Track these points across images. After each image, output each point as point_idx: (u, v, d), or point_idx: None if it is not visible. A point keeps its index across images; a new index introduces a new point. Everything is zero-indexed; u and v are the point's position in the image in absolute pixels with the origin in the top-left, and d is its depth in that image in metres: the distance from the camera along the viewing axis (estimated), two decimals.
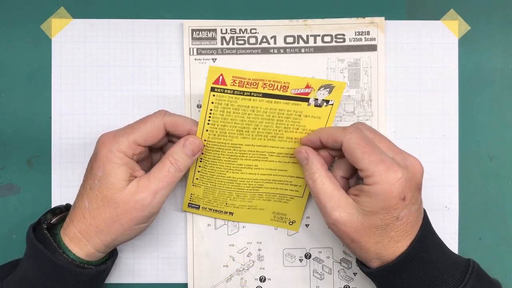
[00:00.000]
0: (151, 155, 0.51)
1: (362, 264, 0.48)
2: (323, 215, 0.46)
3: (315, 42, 0.54)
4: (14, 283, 0.46)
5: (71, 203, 0.52)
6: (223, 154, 0.50)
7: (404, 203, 0.44)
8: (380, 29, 0.54)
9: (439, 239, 0.47)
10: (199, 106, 0.54)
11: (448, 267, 0.45)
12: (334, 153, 0.48)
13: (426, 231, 0.46)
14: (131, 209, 0.45)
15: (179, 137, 0.49)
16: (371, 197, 0.43)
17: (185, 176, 0.53)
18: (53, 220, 0.49)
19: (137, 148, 0.47)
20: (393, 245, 0.45)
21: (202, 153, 0.50)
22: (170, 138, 0.50)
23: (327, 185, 0.46)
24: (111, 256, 0.50)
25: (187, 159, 0.47)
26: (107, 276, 0.50)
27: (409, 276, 0.45)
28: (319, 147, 0.48)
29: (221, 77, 0.46)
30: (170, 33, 0.54)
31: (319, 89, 0.47)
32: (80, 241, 0.46)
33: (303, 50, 0.54)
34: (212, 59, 0.54)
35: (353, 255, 0.47)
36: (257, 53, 0.54)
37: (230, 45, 0.54)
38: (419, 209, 0.46)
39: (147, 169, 0.49)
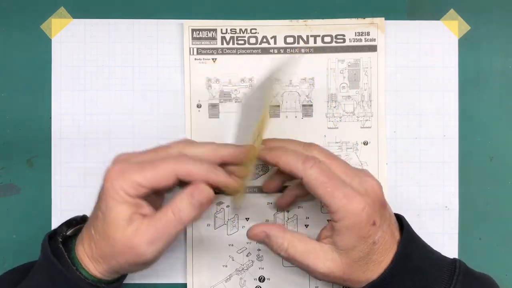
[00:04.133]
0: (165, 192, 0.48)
1: None
2: (309, 273, 0.45)
3: (315, 42, 0.54)
4: None
5: (71, 204, 0.52)
6: None
7: (375, 227, 0.44)
8: (380, 29, 0.54)
9: (423, 243, 0.47)
10: (199, 106, 0.54)
11: (434, 272, 0.45)
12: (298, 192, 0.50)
13: (407, 240, 0.46)
14: (126, 253, 0.43)
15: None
16: (343, 234, 0.43)
17: None
18: (69, 232, 0.48)
19: (140, 190, 0.43)
20: (378, 265, 0.44)
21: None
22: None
23: (298, 246, 0.45)
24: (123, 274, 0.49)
25: (192, 210, 0.43)
26: None
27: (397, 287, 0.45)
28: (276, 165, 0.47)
29: None
30: (170, 33, 0.54)
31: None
32: (90, 264, 0.45)
33: (303, 50, 0.54)
34: (212, 59, 0.54)
35: None
36: (257, 53, 0.54)
37: (230, 45, 0.54)
38: (390, 223, 0.45)
39: (159, 205, 0.47)
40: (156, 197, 0.47)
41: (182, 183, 0.44)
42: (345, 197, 0.43)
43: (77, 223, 0.49)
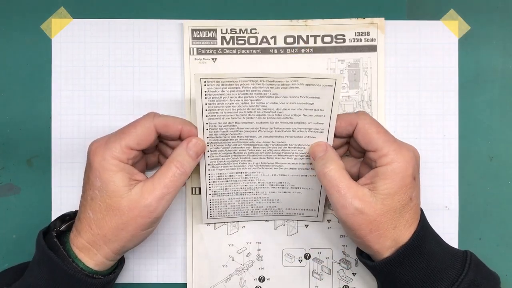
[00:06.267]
0: (144, 156, 0.51)
1: (366, 259, 0.48)
2: (339, 208, 0.45)
3: (315, 42, 0.54)
4: None
5: (71, 204, 0.52)
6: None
7: (414, 183, 0.45)
8: (380, 29, 0.54)
9: (436, 233, 0.48)
10: None
11: (447, 258, 0.46)
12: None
13: (425, 222, 0.47)
14: (137, 216, 0.45)
15: (171, 138, 0.49)
16: (388, 177, 0.45)
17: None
18: (62, 227, 0.48)
19: (131, 153, 0.46)
20: (407, 229, 0.45)
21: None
22: (161, 139, 0.50)
23: (345, 175, 0.46)
24: (118, 264, 0.49)
25: (191, 161, 0.47)
26: (113, 283, 0.50)
27: (411, 268, 0.45)
28: None
29: None
30: (170, 33, 0.54)
31: None
32: (89, 251, 0.46)
33: (303, 50, 0.54)
34: (212, 59, 0.54)
35: (366, 249, 0.47)
36: (257, 53, 0.54)
37: (230, 45, 0.54)
38: (419, 195, 0.47)
39: (142, 170, 0.49)
40: (140, 163, 0.50)
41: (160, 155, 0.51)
42: (396, 143, 0.46)
43: (71, 219, 0.49)
